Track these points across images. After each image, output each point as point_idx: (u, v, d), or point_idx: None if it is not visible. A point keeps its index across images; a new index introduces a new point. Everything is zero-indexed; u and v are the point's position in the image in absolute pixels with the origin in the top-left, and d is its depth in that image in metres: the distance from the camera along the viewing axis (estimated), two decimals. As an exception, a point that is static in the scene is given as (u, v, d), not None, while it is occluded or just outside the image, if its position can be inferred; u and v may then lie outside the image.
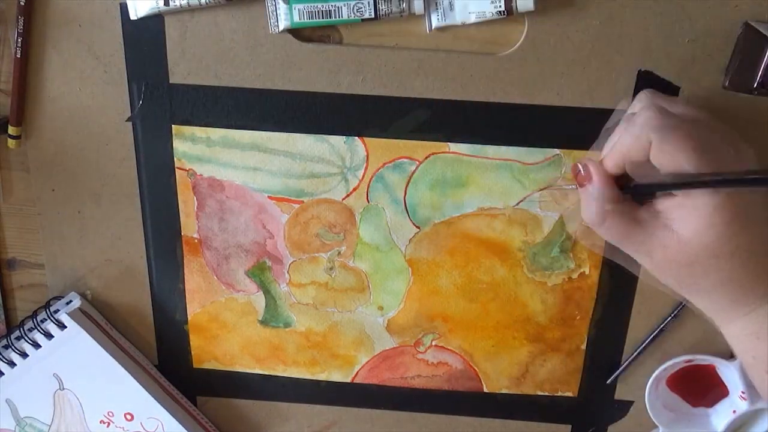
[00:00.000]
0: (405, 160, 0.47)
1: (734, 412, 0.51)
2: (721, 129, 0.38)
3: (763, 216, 0.37)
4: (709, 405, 0.53)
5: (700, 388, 0.52)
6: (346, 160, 0.47)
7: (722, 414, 0.52)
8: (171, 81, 0.45)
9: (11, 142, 0.47)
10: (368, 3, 0.42)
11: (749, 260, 0.36)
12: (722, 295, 0.38)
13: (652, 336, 0.50)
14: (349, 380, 0.55)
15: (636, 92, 0.44)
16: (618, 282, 0.50)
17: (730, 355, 0.51)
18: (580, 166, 0.40)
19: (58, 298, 0.53)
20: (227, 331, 0.53)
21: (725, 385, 0.52)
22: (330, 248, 0.50)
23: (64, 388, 0.53)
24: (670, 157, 0.36)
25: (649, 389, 0.51)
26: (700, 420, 0.53)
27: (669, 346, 0.51)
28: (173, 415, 0.53)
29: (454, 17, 0.42)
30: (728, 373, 0.50)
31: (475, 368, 0.53)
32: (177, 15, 0.44)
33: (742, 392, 0.50)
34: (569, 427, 0.55)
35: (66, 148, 0.48)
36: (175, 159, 0.48)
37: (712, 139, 0.36)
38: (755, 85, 0.40)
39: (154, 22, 0.44)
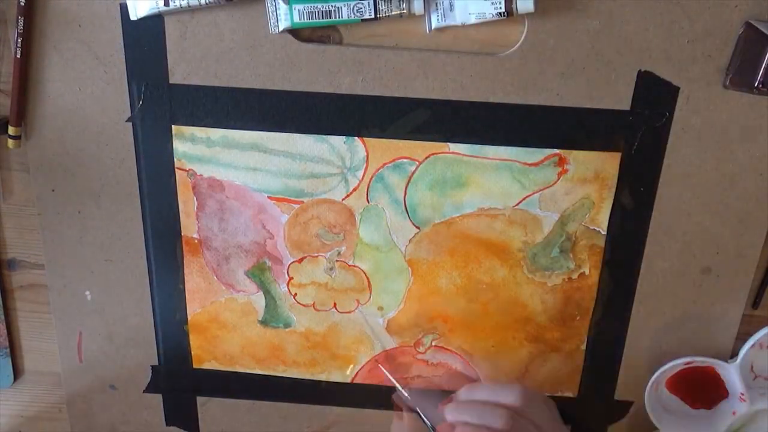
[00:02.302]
0: (405, 160, 0.47)
1: (734, 413, 0.51)
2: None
3: None
4: (708, 406, 0.53)
5: (699, 389, 0.52)
6: (346, 160, 0.47)
7: (722, 415, 0.52)
8: (171, 81, 0.45)
9: (11, 142, 0.47)
10: (368, 3, 0.42)
11: None
12: None
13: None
14: (349, 380, 0.55)
15: (636, 92, 0.44)
16: (618, 282, 0.50)
17: (729, 357, 0.51)
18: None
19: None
20: (227, 331, 0.53)
21: (725, 387, 0.52)
22: (330, 248, 0.50)
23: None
24: None
25: (648, 391, 0.51)
26: (699, 421, 0.53)
27: (669, 347, 0.51)
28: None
29: (454, 18, 0.42)
30: (728, 374, 0.50)
31: (475, 368, 0.53)
32: (177, 15, 0.44)
33: (742, 394, 0.50)
34: (569, 427, 0.55)
35: (66, 148, 0.48)
36: (175, 159, 0.48)
37: None
38: (756, 84, 0.40)
39: (154, 22, 0.44)
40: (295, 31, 0.44)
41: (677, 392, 0.53)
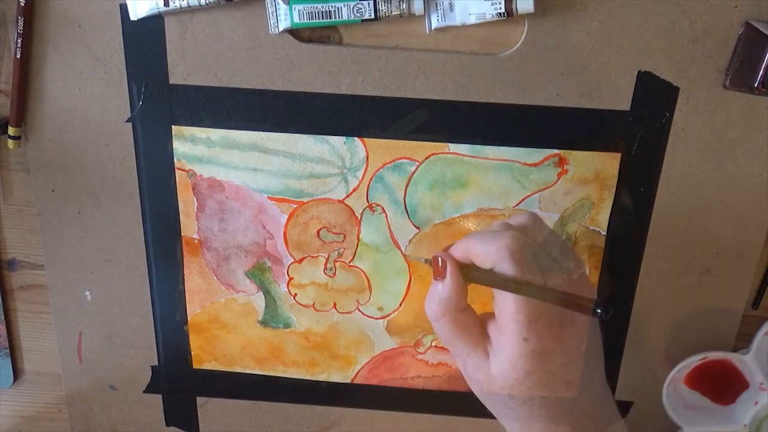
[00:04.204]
0: (405, 160, 0.47)
1: (756, 403, 0.51)
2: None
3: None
4: (731, 398, 0.52)
5: (719, 382, 0.52)
6: (346, 160, 0.47)
7: (745, 406, 0.52)
8: (171, 81, 0.46)
9: (11, 143, 0.47)
10: (368, 3, 0.42)
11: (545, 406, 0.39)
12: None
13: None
14: (349, 380, 0.55)
15: (636, 92, 0.44)
16: (618, 282, 0.50)
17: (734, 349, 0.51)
18: (439, 260, 0.39)
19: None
20: (227, 331, 0.53)
21: (744, 378, 0.51)
22: (330, 249, 0.50)
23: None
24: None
25: (666, 392, 0.50)
26: (723, 414, 0.53)
27: (668, 348, 0.51)
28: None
29: (453, 18, 0.42)
30: (744, 366, 0.50)
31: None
32: (177, 15, 0.44)
33: (761, 383, 0.50)
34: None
35: (66, 148, 0.48)
36: (175, 159, 0.48)
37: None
38: (756, 84, 0.40)
39: (154, 22, 0.44)
40: (295, 32, 0.44)
41: (698, 387, 0.52)
